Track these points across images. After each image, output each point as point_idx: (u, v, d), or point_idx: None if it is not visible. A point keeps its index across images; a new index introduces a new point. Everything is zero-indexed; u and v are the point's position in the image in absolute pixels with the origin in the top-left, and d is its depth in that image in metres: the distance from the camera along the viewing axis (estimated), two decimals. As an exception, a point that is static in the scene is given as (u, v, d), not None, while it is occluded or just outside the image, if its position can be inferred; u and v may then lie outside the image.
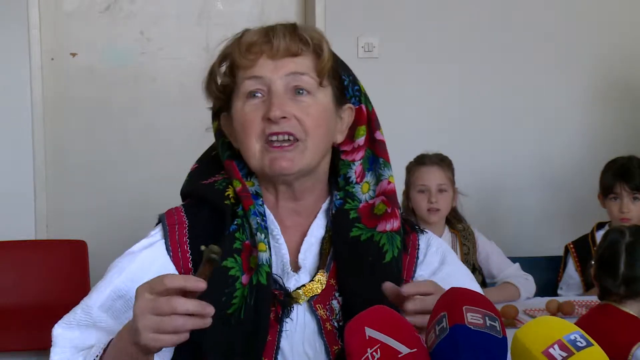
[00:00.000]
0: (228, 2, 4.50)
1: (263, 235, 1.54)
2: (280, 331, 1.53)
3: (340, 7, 4.42)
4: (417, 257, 1.63)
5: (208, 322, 1.28)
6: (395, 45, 4.50)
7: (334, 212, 1.59)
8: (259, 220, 1.54)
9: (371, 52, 4.46)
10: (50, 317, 4.20)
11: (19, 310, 3.99)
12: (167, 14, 4.45)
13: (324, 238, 1.60)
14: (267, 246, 1.53)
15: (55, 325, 1.53)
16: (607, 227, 3.69)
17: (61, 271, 4.07)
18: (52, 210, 4.34)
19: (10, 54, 4.23)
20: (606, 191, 3.65)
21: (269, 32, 1.55)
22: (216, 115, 1.65)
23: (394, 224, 1.58)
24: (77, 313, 1.53)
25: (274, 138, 1.52)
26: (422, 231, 1.67)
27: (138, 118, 4.43)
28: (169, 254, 1.55)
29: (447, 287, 1.56)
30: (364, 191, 1.61)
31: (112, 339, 1.44)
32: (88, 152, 4.40)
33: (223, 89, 1.58)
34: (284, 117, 1.51)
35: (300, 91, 1.54)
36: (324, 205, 1.61)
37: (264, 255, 1.52)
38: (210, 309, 1.28)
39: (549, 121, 4.69)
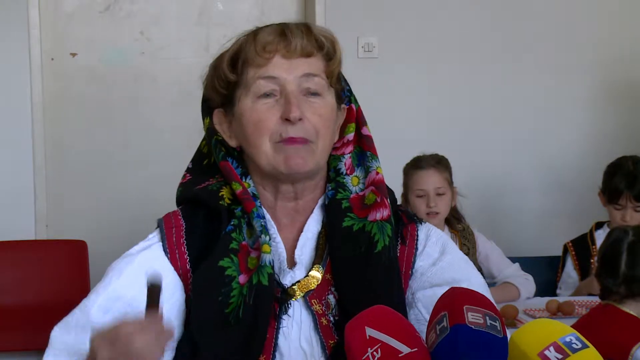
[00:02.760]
0: (228, 2, 4.50)
1: (268, 238, 1.53)
2: (278, 328, 1.53)
3: (340, 7, 4.42)
4: (416, 248, 1.62)
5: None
6: (395, 45, 4.50)
7: (327, 203, 1.60)
8: (262, 223, 1.54)
9: (371, 52, 4.47)
10: (50, 317, 4.20)
11: (19, 310, 3.99)
12: (167, 14, 4.45)
13: (320, 233, 1.60)
14: (270, 248, 1.53)
15: (55, 327, 1.54)
16: (605, 227, 3.70)
17: (61, 271, 4.07)
18: (52, 210, 4.34)
19: (10, 54, 4.23)
20: (611, 198, 3.63)
21: (285, 31, 1.53)
22: (207, 111, 1.63)
23: (383, 213, 1.58)
24: (75, 314, 1.54)
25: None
26: (421, 221, 1.67)
27: (138, 118, 4.43)
28: (166, 255, 1.55)
29: (448, 276, 1.59)
30: (354, 184, 1.62)
31: None
32: (88, 152, 4.40)
33: (227, 85, 1.56)
34: (301, 119, 1.52)
35: (312, 92, 1.55)
36: (320, 201, 1.61)
37: (267, 257, 1.52)
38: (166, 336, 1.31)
39: (549, 121, 4.69)
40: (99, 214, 4.39)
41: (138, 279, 1.49)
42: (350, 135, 1.64)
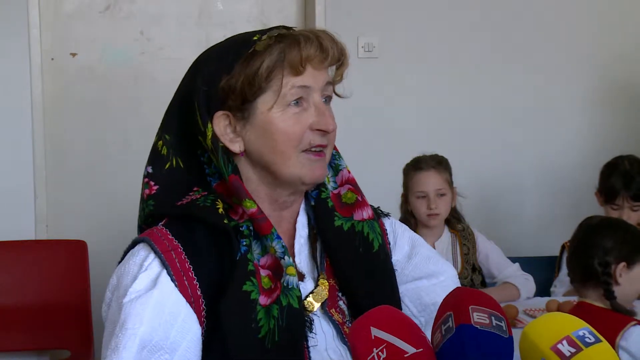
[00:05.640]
0: (228, 2, 4.50)
1: (291, 260, 1.51)
2: (308, 347, 1.51)
3: (340, 7, 4.42)
4: (389, 242, 1.65)
5: None
6: (395, 45, 4.50)
7: (313, 203, 1.60)
8: (283, 243, 1.51)
9: (371, 52, 4.46)
10: (50, 317, 4.20)
11: (19, 310, 3.98)
12: (167, 14, 4.44)
13: (308, 236, 1.60)
14: (295, 270, 1.51)
15: None
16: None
17: (61, 271, 4.06)
18: (52, 210, 4.33)
19: (10, 54, 4.22)
20: (608, 198, 3.64)
21: (323, 44, 1.53)
22: (206, 115, 1.56)
23: (368, 212, 1.60)
24: None
25: (315, 149, 1.53)
26: (386, 215, 1.69)
27: (138, 118, 4.42)
28: (175, 284, 1.46)
29: (426, 269, 1.63)
30: (327, 182, 1.63)
31: None
32: (88, 152, 4.40)
33: (254, 91, 1.51)
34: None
35: (327, 100, 1.57)
36: (303, 204, 1.62)
37: (294, 280, 1.49)
38: None
39: (549, 121, 4.70)
40: (99, 214, 4.38)
41: (159, 320, 1.44)
42: None
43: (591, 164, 4.12)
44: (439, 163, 3.57)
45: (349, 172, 1.63)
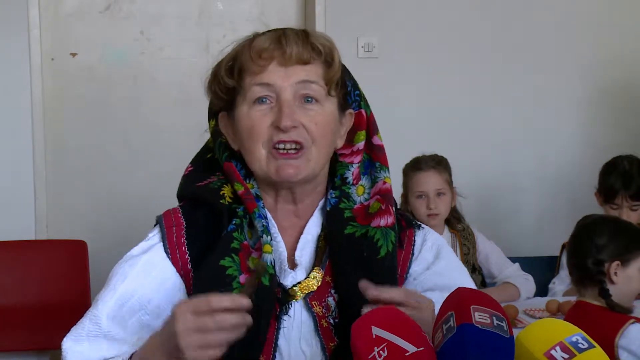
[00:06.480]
0: (228, 2, 4.50)
1: (269, 238, 1.54)
2: (278, 329, 1.53)
3: (340, 7, 4.42)
4: (412, 253, 1.63)
5: (243, 330, 1.34)
6: (395, 45, 4.50)
7: (328, 209, 1.60)
8: (264, 223, 1.55)
9: (371, 52, 4.47)
10: (50, 317, 4.21)
11: (19, 310, 3.99)
12: (167, 14, 4.45)
13: (319, 236, 1.61)
14: (272, 248, 1.53)
15: (64, 339, 1.53)
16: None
17: (61, 271, 4.06)
18: (52, 210, 4.34)
19: (10, 54, 4.22)
20: (607, 198, 3.65)
21: (281, 38, 1.54)
22: (213, 114, 1.65)
23: (387, 220, 1.59)
24: (85, 324, 1.53)
25: (281, 146, 1.52)
26: (419, 226, 1.67)
27: (138, 118, 4.43)
28: (167, 256, 1.55)
29: (440, 281, 1.60)
30: (359, 193, 1.62)
31: (134, 353, 1.45)
32: (88, 152, 4.40)
33: (227, 91, 1.58)
34: (295, 126, 1.52)
35: (309, 99, 1.55)
36: (320, 204, 1.62)
37: (268, 257, 1.52)
38: (248, 318, 1.33)
39: (549, 121, 4.70)
40: (99, 214, 4.39)
41: (143, 281, 1.52)
42: (361, 144, 1.64)
43: (590, 164, 4.12)
44: (439, 163, 3.57)
45: (385, 183, 1.62)
